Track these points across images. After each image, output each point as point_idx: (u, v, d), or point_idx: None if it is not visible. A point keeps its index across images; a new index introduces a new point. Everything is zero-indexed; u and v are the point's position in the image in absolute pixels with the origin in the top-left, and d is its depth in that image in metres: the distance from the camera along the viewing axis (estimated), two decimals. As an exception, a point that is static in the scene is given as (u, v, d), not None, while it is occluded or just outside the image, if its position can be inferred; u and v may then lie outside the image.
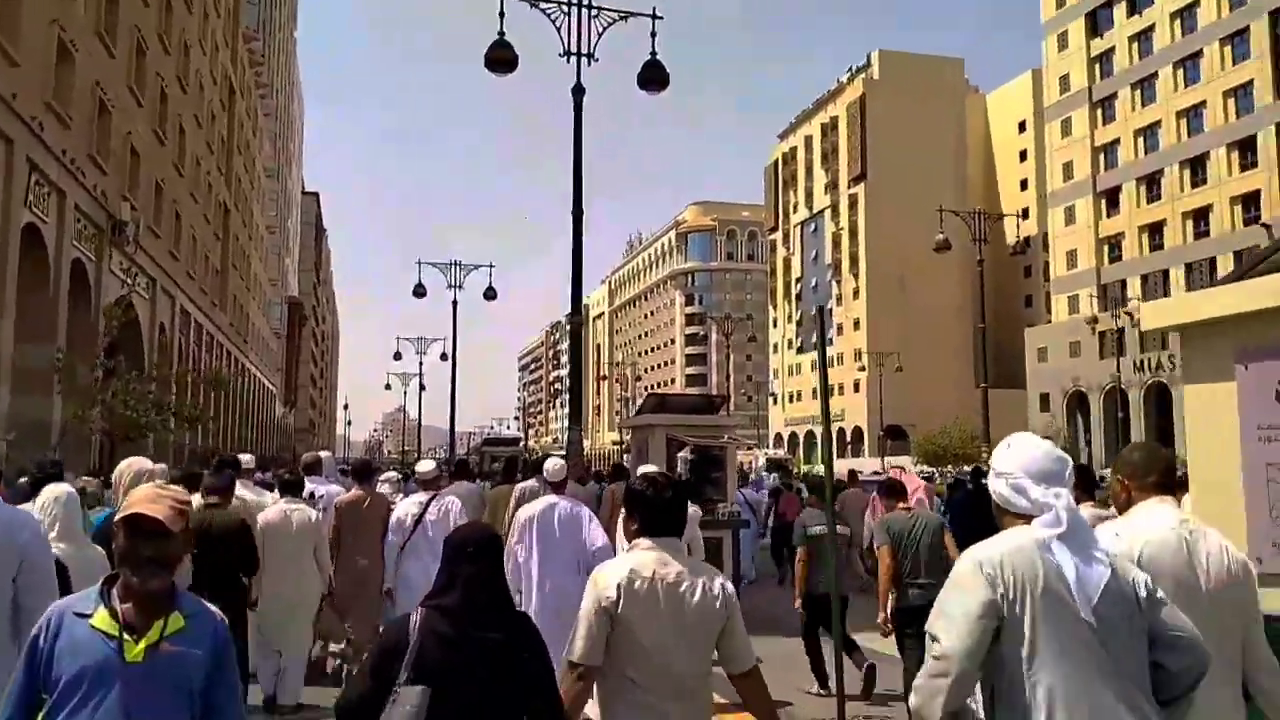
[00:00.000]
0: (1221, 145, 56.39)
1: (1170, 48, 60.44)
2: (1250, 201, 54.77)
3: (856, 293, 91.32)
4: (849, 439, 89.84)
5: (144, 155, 26.66)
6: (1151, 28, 62.16)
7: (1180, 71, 60.03)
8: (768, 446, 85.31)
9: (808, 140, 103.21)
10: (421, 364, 54.16)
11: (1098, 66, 66.91)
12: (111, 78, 23.28)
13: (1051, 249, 69.93)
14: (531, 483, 7.87)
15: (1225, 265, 55.77)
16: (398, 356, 52.25)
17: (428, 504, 7.26)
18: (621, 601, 2.74)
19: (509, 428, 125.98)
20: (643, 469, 8.26)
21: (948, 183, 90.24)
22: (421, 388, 57.74)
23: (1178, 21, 60.38)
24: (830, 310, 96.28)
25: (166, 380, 22.08)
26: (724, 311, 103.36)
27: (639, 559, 2.85)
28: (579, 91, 14.55)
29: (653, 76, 14.42)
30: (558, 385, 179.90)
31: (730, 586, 2.94)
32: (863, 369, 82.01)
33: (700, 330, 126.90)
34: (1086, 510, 4.90)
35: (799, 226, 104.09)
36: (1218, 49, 57.11)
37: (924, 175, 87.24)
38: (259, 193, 56.35)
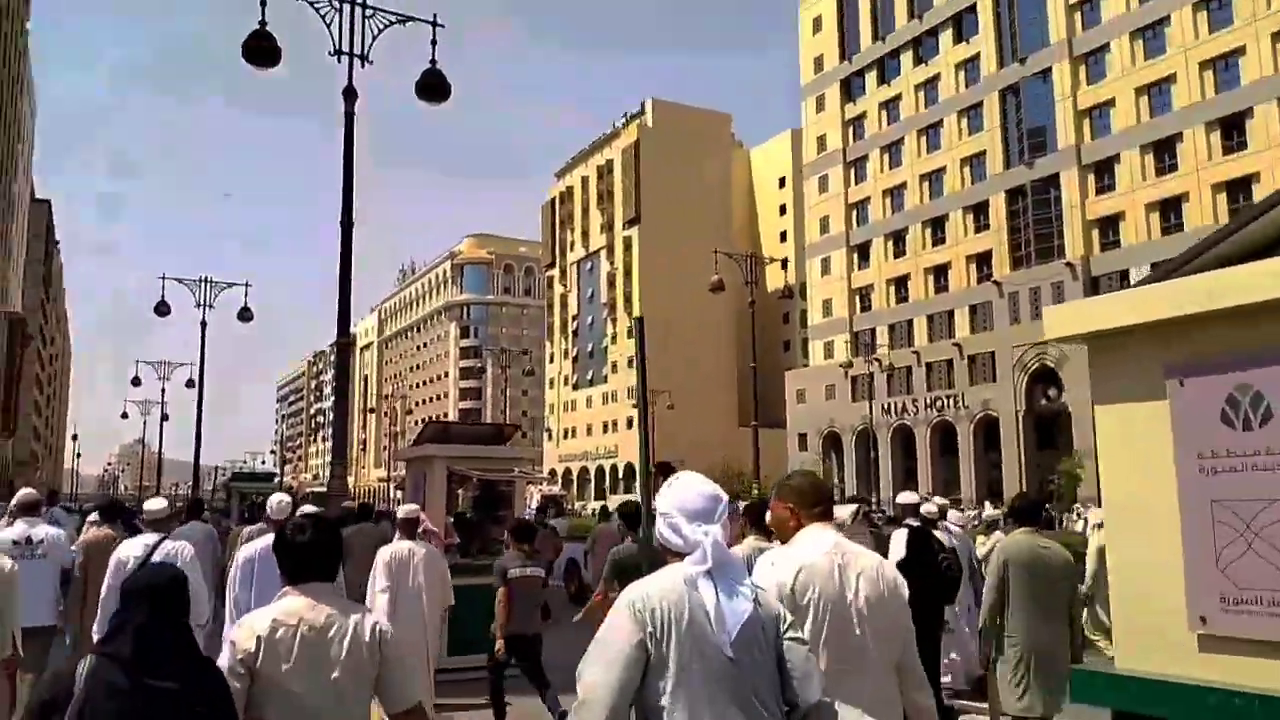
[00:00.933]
0: (959, 208, 61.96)
1: (915, 117, 66.00)
2: (983, 260, 60.36)
3: (630, 332, 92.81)
4: (621, 475, 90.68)
5: None
6: (899, 97, 67.69)
7: (924, 139, 65.62)
8: (542, 483, 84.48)
9: (584, 180, 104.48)
10: (164, 390, 49.49)
11: (851, 130, 71.99)
12: None
13: (809, 298, 74.08)
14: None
15: (961, 318, 61.13)
16: (136, 382, 47.24)
17: (155, 546, 6.35)
18: (261, 655, 2.66)
19: (264, 463, 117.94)
20: (403, 509, 7.30)
21: (716, 230, 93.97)
22: (164, 417, 52.72)
23: (922, 93, 66.10)
24: (605, 349, 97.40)
25: None
26: (500, 345, 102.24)
27: (285, 607, 2.77)
28: (350, 95, 13.39)
29: (432, 84, 13.41)
30: (320, 418, 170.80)
31: (385, 625, 2.89)
32: (636, 406, 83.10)
33: (476, 364, 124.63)
34: (750, 542, 5.37)
35: (576, 265, 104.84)
36: (956, 120, 62.93)
37: (694, 221, 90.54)
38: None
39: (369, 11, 13.60)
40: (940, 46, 64.81)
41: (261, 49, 12.07)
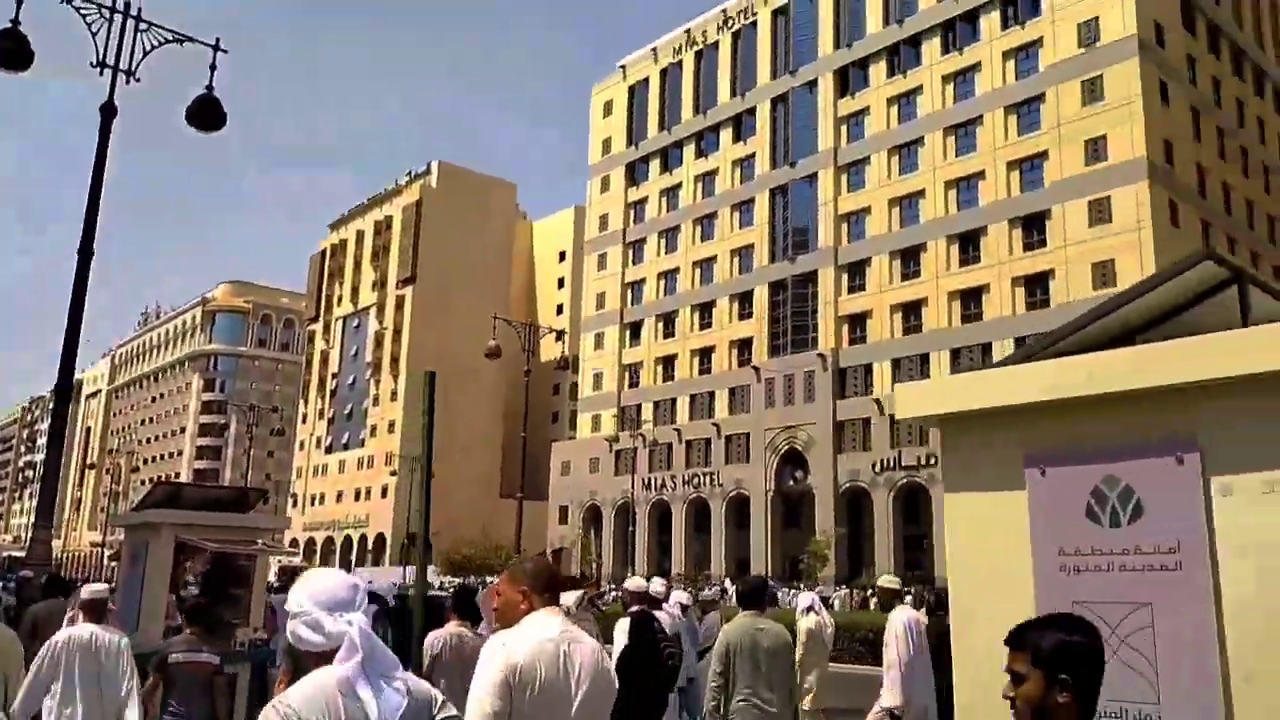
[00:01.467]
0: (726, 295, 64.97)
1: (693, 206, 69.08)
2: (745, 345, 63.35)
3: (394, 394, 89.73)
4: (370, 546, 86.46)
5: None
6: (679, 186, 70.71)
7: (699, 228, 68.68)
8: (282, 554, 78.82)
9: (359, 235, 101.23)
10: None
11: (633, 212, 74.26)
12: None
13: (581, 371, 74.78)
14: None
15: (721, 400, 63.67)
16: None
17: None
18: None
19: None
20: (89, 589, 6.12)
21: (493, 297, 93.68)
22: None
23: (700, 184, 69.40)
24: (365, 410, 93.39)
25: None
26: (249, 401, 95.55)
27: None
28: (109, 111, 12.05)
29: (205, 111, 12.32)
30: (29, 472, 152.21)
31: None
32: (394, 473, 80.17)
33: (219, 419, 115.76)
34: (452, 628, 5.65)
35: (341, 320, 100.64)
36: (729, 212, 66.40)
37: (471, 287, 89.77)
38: None
39: (143, 25, 12.39)
40: (720, 143, 68.48)
41: (12, 50, 10.60)
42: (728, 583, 42.70)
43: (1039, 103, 50.83)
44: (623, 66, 77.27)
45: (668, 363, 68.53)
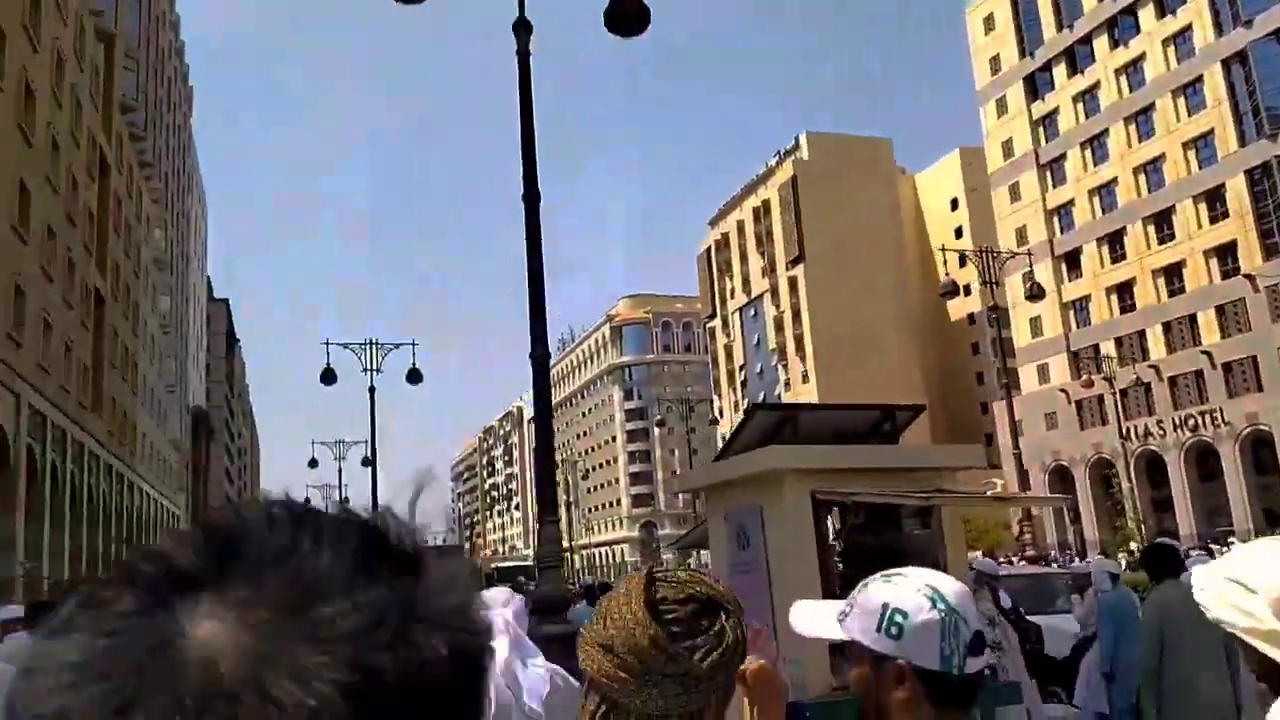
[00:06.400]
0: (1187, 197, 53.96)
1: (1118, 104, 58.61)
2: (1225, 252, 52.04)
3: (805, 376, 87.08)
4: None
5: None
6: (1096, 85, 60.49)
7: (1132, 127, 58.07)
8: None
9: (740, 225, 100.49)
10: (341, 471, 47.38)
11: (1042, 129, 65.01)
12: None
13: (1013, 320, 66.59)
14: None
15: (1208, 322, 52.73)
16: (314, 464, 45.69)
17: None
18: None
19: (442, 540, 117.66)
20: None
21: (886, 261, 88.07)
22: (344, 500, 50.65)
23: (1123, 78, 58.76)
24: (779, 396, 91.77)
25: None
26: (665, 405, 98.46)
27: None
28: (524, 29, 9.41)
29: (628, 10, 9.19)
30: (494, 493, 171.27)
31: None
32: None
33: (642, 425, 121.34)
34: None
35: (738, 312, 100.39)
36: (1170, 101, 55.28)
37: (862, 254, 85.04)
38: (146, 284, 49.53)
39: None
40: (1140, 23, 57.51)
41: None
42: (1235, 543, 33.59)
43: None
44: (1002, -29, 68.18)
45: (1123, 290, 58.51)
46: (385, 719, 0.43)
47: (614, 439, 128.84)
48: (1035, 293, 30.33)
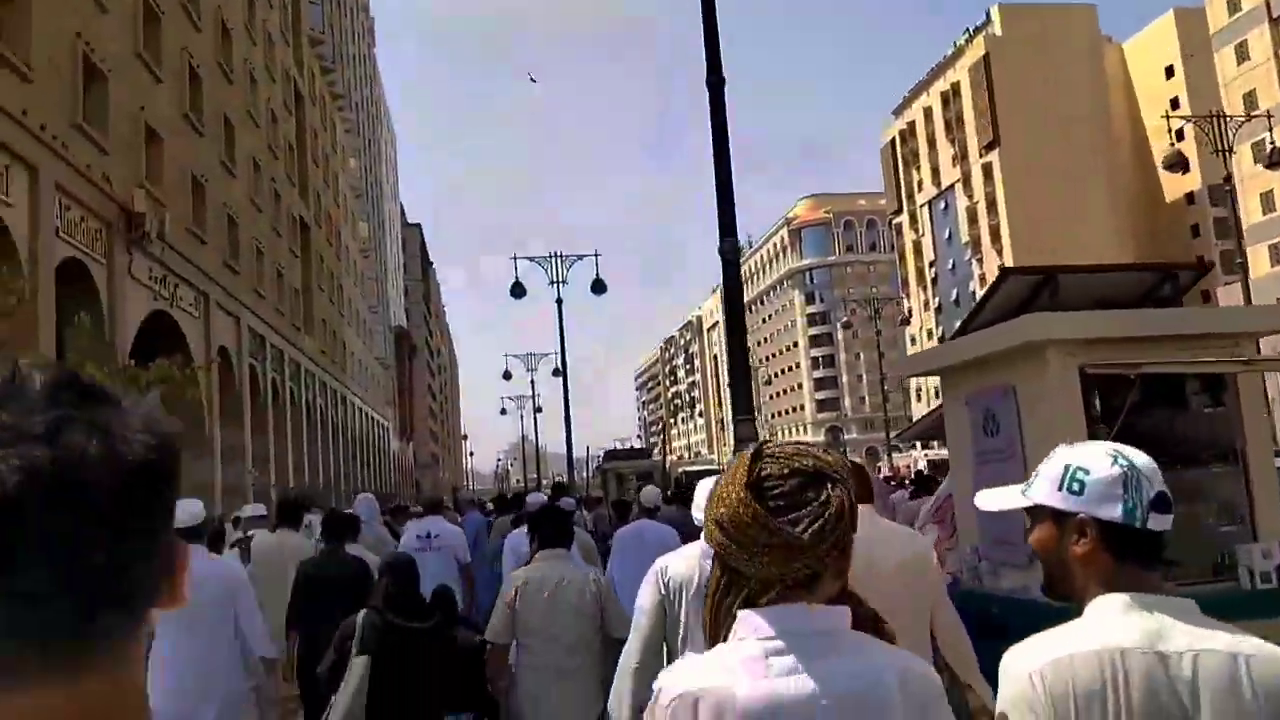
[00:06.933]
0: None
1: (1379, -65, 50.55)
2: None
3: (1003, 270, 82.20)
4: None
5: (167, 139, 21.65)
6: (1349, -83, 52.32)
7: (1395, -39, 50.05)
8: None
9: (927, 112, 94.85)
10: (534, 382, 49.08)
11: (1278, -24, 57.11)
12: (99, 31, 18.07)
13: (1241, 194, 59.87)
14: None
15: None
16: (507, 376, 47.57)
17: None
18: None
19: (634, 445, 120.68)
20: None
21: (1091, 141, 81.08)
22: (537, 409, 52.64)
23: (1385, -97, 50.49)
24: (973, 294, 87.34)
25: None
26: (849, 306, 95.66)
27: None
28: None
29: None
30: (677, 401, 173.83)
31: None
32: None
33: (825, 329, 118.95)
34: None
35: (926, 206, 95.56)
36: None
37: (1064, 135, 78.59)
38: (345, 212, 52.10)
39: None
40: None
41: None
42: None
43: None
44: None
45: (1379, 153, 51.27)
46: (51, 509, 0.53)
47: (795, 344, 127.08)
48: (1276, 159, 26.57)
